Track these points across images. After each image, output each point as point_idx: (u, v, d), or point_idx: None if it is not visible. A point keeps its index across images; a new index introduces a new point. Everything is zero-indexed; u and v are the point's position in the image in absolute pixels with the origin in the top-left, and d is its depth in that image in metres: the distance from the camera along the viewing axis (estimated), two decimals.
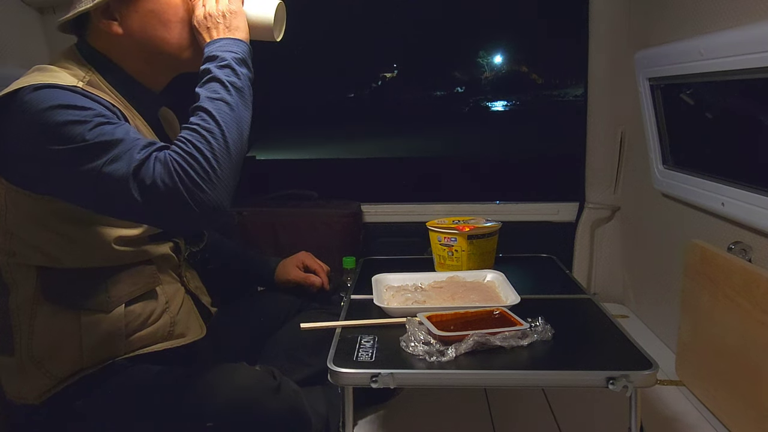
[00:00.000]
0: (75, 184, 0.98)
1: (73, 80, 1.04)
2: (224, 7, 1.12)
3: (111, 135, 0.96)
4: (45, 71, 1.05)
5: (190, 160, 0.95)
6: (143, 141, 0.98)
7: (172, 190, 0.93)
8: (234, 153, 1.00)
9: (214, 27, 1.12)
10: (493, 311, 1.20)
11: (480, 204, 2.36)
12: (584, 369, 1.05)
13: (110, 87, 1.12)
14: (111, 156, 0.94)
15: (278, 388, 1.07)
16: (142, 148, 0.96)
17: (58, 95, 0.98)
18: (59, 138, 0.95)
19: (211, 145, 0.97)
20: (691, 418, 1.48)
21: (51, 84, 0.99)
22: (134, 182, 0.93)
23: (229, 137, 1.00)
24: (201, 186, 0.95)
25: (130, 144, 0.96)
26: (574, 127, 2.22)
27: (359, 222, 2.30)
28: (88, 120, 0.96)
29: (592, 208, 2.26)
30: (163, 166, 0.94)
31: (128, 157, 0.94)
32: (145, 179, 0.93)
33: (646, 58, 1.78)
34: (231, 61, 1.07)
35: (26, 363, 1.07)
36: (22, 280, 1.07)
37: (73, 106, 0.97)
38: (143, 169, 0.94)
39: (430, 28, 5.52)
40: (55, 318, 1.07)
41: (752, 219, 1.36)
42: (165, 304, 1.18)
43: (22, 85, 0.99)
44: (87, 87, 1.04)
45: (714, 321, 1.44)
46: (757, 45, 1.23)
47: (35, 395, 1.08)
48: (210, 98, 1.02)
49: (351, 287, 1.51)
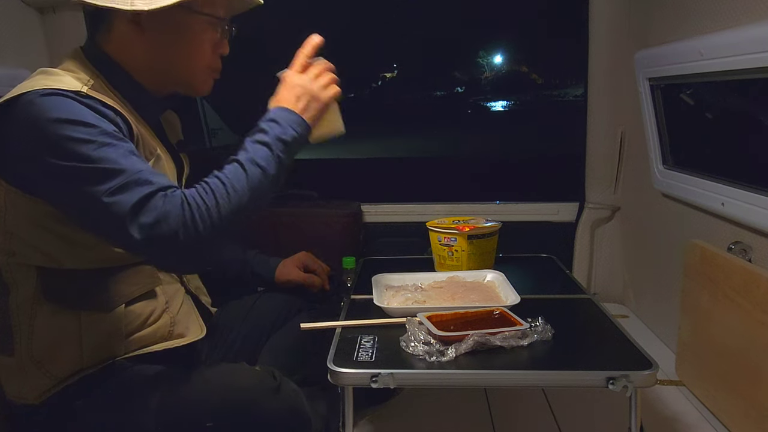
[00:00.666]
0: (70, 201, 0.98)
1: (77, 84, 1.03)
2: (319, 90, 1.13)
3: (115, 162, 0.95)
4: (50, 75, 1.05)
5: (204, 213, 0.96)
6: (146, 173, 0.97)
7: (172, 233, 0.93)
8: (237, 221, 1.01)
9: (299, 96, 1.12)
10: (493, 311, 1.20)
11: (480, 204, 2.35)
12: (584, 369, 1.05)
13: (115, 91, 1.12)
14: (113, 186, 0.94)
15: (278, 388, 1.07)
16: (145, 183, 0.95)
17: (65, 106, 0.98)
18: (63, 153, 0.95)
19: (231, 207, 0.98)
20: (691, 418, 1.48)
21: (57, 90, 0.99)
22: (133, 217, 0.93)
23: (249, 207, 1.02)
24: (201, 239, 0.95)
25: (133, 175, 0.95)
26: (574, 127, 2.22)
27: (359, 222, 2.30)
28: (93, 139, 0.96)
29: (592, 208, 2.26)
30: (172, 207, 0.94)
31: (131, 191, 0.94)
32: (146, 217, 0.93)
33: (646, 58, 1.78)
34: (290, 138, 1.07)
35: (26, 363, 1.07)
36: (22, 280, 1.07)
37: (79, 122, 0.96)
38: (146, 206, 0.93)
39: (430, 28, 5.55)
40: (55, 318, 1.07)
41: (752, 219, 1.36)
42: (165, 304, 1.18)
43: (29, 89, 0.99)
44: (91, 91, 1.04)
45: (714, 321, 1.44)
46: (757, 45, 1.23)
47: (35, 395, 1.08)
48: (254, 161, 1.03)
49: (351, 287, 1.51)
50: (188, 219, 0.94)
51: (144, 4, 1.05)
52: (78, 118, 0.97)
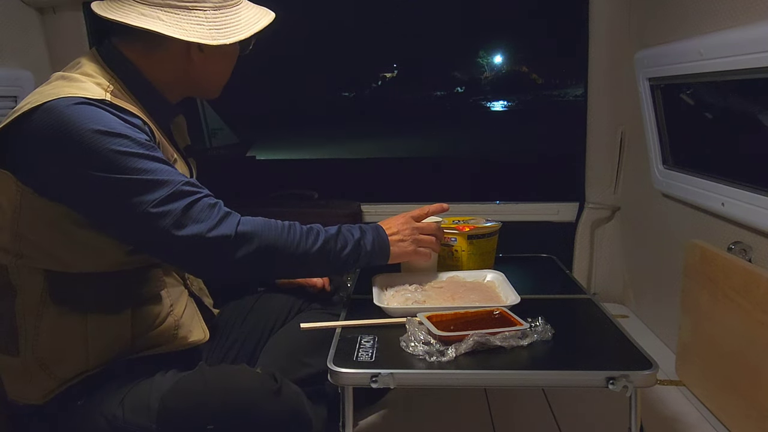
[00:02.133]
0: (111, 211, 1.02)
1: (100, 92, 1.05)
2: (414, 242, 1.31)
3: (157, 173, 1.01)
4: (70, 81, 1.06)
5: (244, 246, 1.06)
6: (188, 183, 1.04)
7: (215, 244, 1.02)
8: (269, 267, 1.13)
9: (396, 234, 1.29)
10: (493, 311, 1.20)
11: (480, 204, 2.36)
12: (584, 369, 1.05)
13: (132, 95, 1.13)
14: (160, 196, 0.99)
15: (279, 390, 1.07)
16: (189, 194, 1.02)
17: (97, 116, 1.00)
18: (105, 165, 0.98)
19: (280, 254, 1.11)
20: (691, 418, 1.48)
21: (85, 100, 1.01)
22: (181, 224, 1.00)
23: (291, 269, 1.19)
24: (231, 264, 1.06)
25: (177, 186, 1.01)
26: (574, 127, 2.22)
27: (359, 222, 2.30)
28: (132, 151, 1.00)
29: (592, 208, 2.26)
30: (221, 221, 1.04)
31: (178, 200, 1.00)
32: (194, 223, 1.01)
33: (646, 58, 1.78)
34: (364, 253, 1.22)
35: (31, 364, 1.07)
36: (29, 283, 1.07)
37: (116, 134, 0.99)
38: (192, 213, 1.01)
39: (430, 28, 5.55)
40: (61, 320, 1.07)
41: (752, 219, 1.36)
42: (170, 307, 1.18)
43: (53, 97, 1.00)
44: (114, 99, 1.05)
45: (714, 321, 1.44)
46: (756, 45, 1.23)
47: (38, 396, 1.08)
48: (328, 243, 1.17)
49: (351, 287, 1.51)
50: (228, 243, 1.03)
51: (224, 38, 1.13)
52: (114, 130, 1.00)
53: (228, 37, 1.13)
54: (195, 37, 1.10)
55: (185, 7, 1.11)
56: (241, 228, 1.06)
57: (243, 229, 1.06)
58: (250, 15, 1.19)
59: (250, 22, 1.17)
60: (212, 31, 1.12)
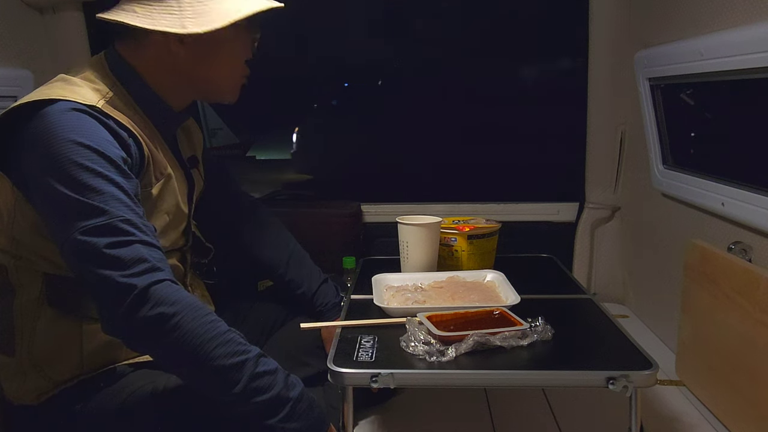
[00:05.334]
0: (51, 222, 0.98)
1: (94, 98, 1.03)
2: None
3: (103, 201, 0.93)
4: (69, 84, 1.05)
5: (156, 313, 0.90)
6: (130, 222, 0.94)
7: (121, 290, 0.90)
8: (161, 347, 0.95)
9: None
10: (493, 311, 1.20)
11: (480, 204, 2.36)
12: (584, 369, 1.05)
13: (133, 102, 1.11)
14: (90, 225, 0.92)
15: None
16: (122, 233, 0.93)
17: (82, 126, 0.97)
18: (60, 175, 0.94)
19: (175, 346, 0.92)
20: (691, 418, 1.47)
21: (76, 106, 0.99)
22: (96, 263, 0.91)
23: (189, 362, 0.93)
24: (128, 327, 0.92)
25: (112, 220, 0.93)
26: (574, 127, 2.22)
27: (359, 222, 2.30)
28: (94, 168, 0.95)
29: (592, 208, 2.26)
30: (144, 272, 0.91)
31: (103, 236, 0.92)
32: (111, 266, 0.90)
33: (646, 58, 1.78)
34: (280, 420, 0.96)
35: (25, 364, 1.07)
36: (28, 283, 1.07)
37: (87, 146, 0.96)
38: (112, 251, 0.91)
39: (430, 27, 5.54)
40: (57, 323, 1.07)
41: (752, 219, 1.36)
42: None
43: (48, 96, 0.99)
44: (107, 107, 1.03)
45: (714, 321, 1.44)
46: (757, 45, 1.23)
47: (33, 396, 1.08)
48: (255, 379, 0.94)
49: (351, 287, 1.51)
50: (132, 296, 0.89)
51: (196, 26, 1.06)
52: (88, 142, 0.96)
53: (200, 25, 1.07)
54: (163, 26, 1.06)
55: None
56: (154, 288, 0.91)
57: (155, 289, 0.91)
58: (230, 4, 1.10)
59: (229, 10, 1.09)
60: (184, 20, 1.06)
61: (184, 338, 0.91)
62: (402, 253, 1.52)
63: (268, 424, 0.95)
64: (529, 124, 2.80)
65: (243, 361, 0.93)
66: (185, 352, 0.92)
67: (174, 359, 0.96)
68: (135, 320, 0.90)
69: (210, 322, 0.94)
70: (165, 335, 0.91)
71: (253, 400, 0.93)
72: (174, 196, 1.16)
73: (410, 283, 1.41)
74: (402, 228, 1.50)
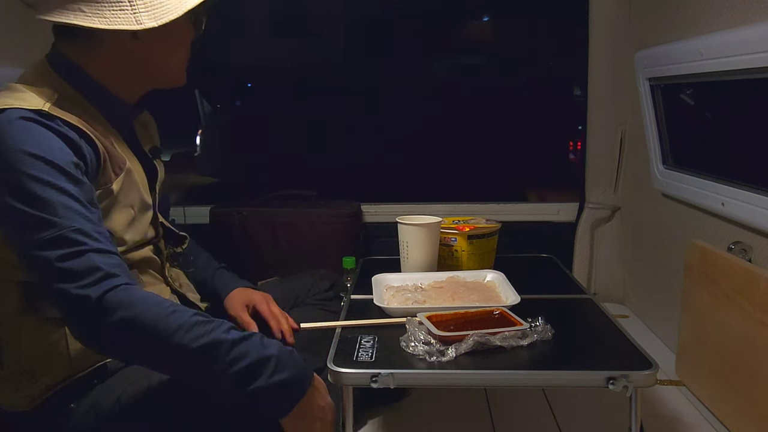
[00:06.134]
0: (8, 238, 0.97)
1: (39, 102, 1.00)
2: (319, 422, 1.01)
3: (54, 213, 0.92)
4: (12, 91, 1.02)
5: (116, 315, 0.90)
6: (82, 231, 0.93)
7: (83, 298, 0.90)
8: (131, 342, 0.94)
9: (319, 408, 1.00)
10: (493, 311, 1.20)
11: (480, 204, 2.36)
12: (584, 369, 1.05)
13: (83, 100, 1.09)
14: (43, 237, 0.91)
15: None
16: (75, 243, 0.92)
17: (32, 136, 0.96)
18: (11, 189, 0.93)
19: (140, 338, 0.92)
20: (691, 418, 1.48)
21: (22, 114, 0.97)
22: (55, 274, 0.91)
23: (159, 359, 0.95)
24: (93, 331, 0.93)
25: (64, 230, 0.92)
26: (574, 127, 2.22)
27: (359, 222, 2.30)
28: (44, 179, 0.94)
29: (592, 208, 2.26)
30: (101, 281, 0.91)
31: (57, 249, 0.91)
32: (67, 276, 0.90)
33: (646, 58, 1.78)
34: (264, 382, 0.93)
35: (16, 373, 1.07)
36: (5, 294, 1.06)
37: (38, 156, 0.94)
38: (65, 263, 0.90)
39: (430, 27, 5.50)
40: (40, 329, 1.06)
41: (752, 219, 1.36)
42: None
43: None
44: (54, 108, 1.01)
45: (714, 321, 1.44)
46: (757, 45, 1.23)
47: (26, 402, 1.08)
48: (219, 346, 0.93)
49: (351, 287, 1.51)
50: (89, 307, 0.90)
51: (151, 20, 1.04)
52: (37, 152, 0.94)
53: (156, 19, 1.03)
54: (118, 24, 1.03)
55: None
56: (110, 295, 0.91)
57: (110, 296, 0.91)
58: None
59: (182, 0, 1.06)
60: (137, 15, 1.03)
61: (150, 337, 0.91)
62: (402, 253, 1.53)
63: (259, 386, 0.93)
64: (528, 124, 2.79)
65: (214, 339, 0.93)
66: (155, 349, 0.93)
67: (148, 358, 0.97)
68: (98, 330, 0.91)
69: (171, 313, 0.93)
70: (131, 338, 0.92)
71: (235, 368, 0.92)
72: (136, 189, 1.15)
73: (410, 283, 1.41)
74: (402, 228, 1.50)
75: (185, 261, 1.41)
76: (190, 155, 2.92)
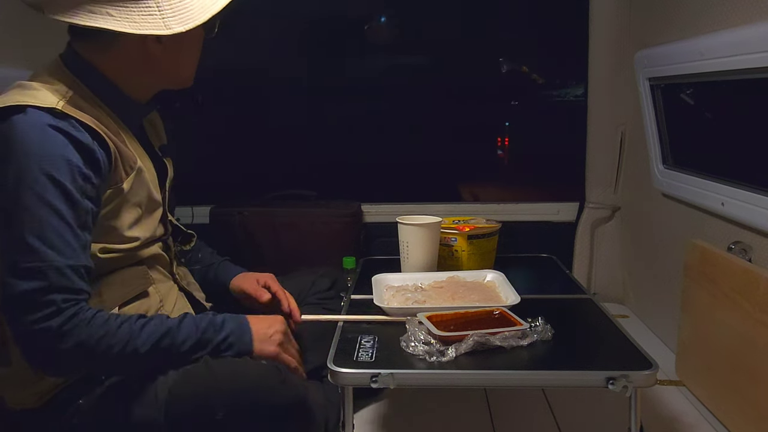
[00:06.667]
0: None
1: (53, 100, 1.01)
2: (278, 341, 1.17)
3: (40, 238, 0.95)
4: (25, 89, 1.03)
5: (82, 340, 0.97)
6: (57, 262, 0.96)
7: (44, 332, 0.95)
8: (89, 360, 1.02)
9: (266, 331, 1.17)
10: (493, 311, 1.20)
11: (480, 204, 2.36)
12: (584, 369, 1.05)
13: (96, 99, 1.10)
14: (20, 263, 0.94)
15: (284, 381, 1.07)
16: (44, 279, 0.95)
17: (40, 140, 0.97)
18: (9, 199, 0.95)
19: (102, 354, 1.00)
20: (691, 418, 1.48)
21: (50, 123, 0.98)
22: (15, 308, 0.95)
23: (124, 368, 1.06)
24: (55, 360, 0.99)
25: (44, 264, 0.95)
26: (574, 127, 2.22)
27: (359, 222, 2.30)
28: (44, 196, 0.95)
29: (592, 208, 2.26)
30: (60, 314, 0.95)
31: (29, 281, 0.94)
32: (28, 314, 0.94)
33: (646, 58, 1.78)
34: (214, 345, 1.10)
35: (24, 372, 1.06)
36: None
37: (47, 173, 0.96)
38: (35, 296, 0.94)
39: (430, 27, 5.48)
40: None
41: (752, 219, 1.36)
42: (159, 303, 1.17)
43: (8, 103, 0.98)
44: (67, 107, 1.01)
45: (714, 321, 1.44)
46: (757, 45, 1.23)
47: (33, 400, 1.08)
48: (164, 338, 1.05)
49: (351, 287, 1.51)
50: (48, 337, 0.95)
51: (179, 25, 1.06)
52: (50, 169, 0.96)
53: (183, 23, 1.06)
54: (148, 29, 1.04)
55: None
56: (66, 325, 0.96)
57: (66, 326, 0.96)
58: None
59: (206, 4, 1.09)
60: (166, 20, 1.05)
61: (106, 354, 1.00)
62: (402, 253, 1.53)
63: (213, 346, 1.09)
64: (528, 124, 2.79)
65: (162, 332, 1.05)
66: (115, 362, 1.03)
67: (111, 371, 1.08)
68: (55, 357, 0.99)
69: (119, 326, 1.02)
70: (89, 361, 1.01)
71: (187, 346, 1.07)
72: (145, 188, 1.15)
73: (410, 283, 1.41)
74: (402, 228, 1.50)
75: (192, 258, 1.42)
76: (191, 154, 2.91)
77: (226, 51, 1.23)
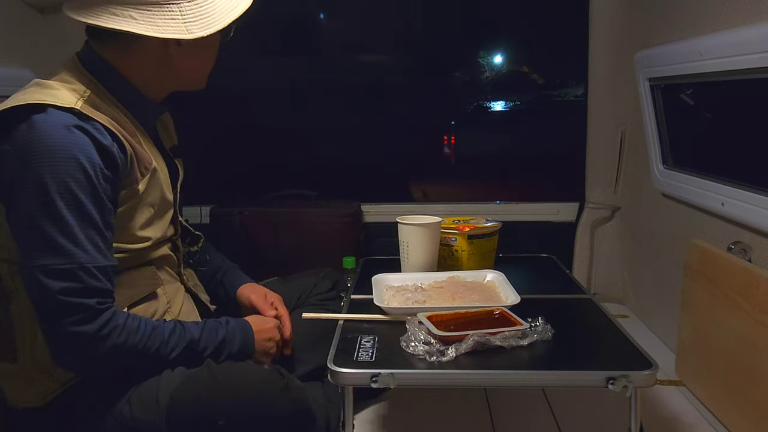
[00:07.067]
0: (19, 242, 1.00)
1: (71, 99, 1.01)
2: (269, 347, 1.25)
3: (70, 238, 0.96)
4: (43, 87, 1.03)
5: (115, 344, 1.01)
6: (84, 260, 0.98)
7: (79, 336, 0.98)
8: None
9: (267, 340, 1.24)
10: (493, 311, 1.20)
11: (480, 204, 2.36)
12: (584, 369, 1.05)
13: (113, 98, 1.11)
14: (51, 265, 0.96)
15: (286, 386, 1.07)
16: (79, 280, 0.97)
17: (61, 144, 0.97)
18: (34, 203, 0.95)
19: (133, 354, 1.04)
20: (691, 418, 1.48)
21: (75, 123, 0.99)
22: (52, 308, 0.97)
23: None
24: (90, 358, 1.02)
25: (71, 265, 0.97)
26: (574, 127, 2.22)
27: (359, 222, 2.30)
28: (69, 198, 0.96)
29: (592, 208, 2.26)
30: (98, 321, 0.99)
31: (59, 280, 0.96)
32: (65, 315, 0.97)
33: (646, 58, 1.78)
34: (227, 354, 1.16)
35: (30, 369, 1.07)
36: (23, 288, 1.06)
37: (67, 175, 0.96)
38: (66, 298, 0.96)
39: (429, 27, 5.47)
40: None
41: (752, 219, 1.36)
42: (166, 305, 1.18)
43: (21, 102, 0.98)
44: (86, 107, 1.02)
45: (714, 321, 1.44)
46: (756, 45, 1.23)
47: (38, 398, 1.08)
48: (189, 348, 1.11)
49: (351, 287, 1.51)
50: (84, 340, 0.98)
51: (201, 29, 1.07)
52: (72, 169, 0.96)
53: (205, 28, 1.08)
54: (170, 33, 1.06)
55: (157, 3, 1.06)
56: (103, 329, 1.00)
57: (103, 330, 1.00)
58: (225, 2, 1.13)
59: (227, 9, 1.11)
60: (188, 24, 1.07)
61: (138, 357, 1.05)
62: (402, 253, 1.53)
63: (228, 355, 1.15)
64: (528, 124, 2.80)
65: (188, 341, 1.11)
66: (144, 363, 1.08)
67: (136, 370, 1.10)
68: (91, 360, 1.02)
69: (152, 330, 1.07)
70: (122, 362, 1.05)
71: (207, 354, 1.13)
72: (159, 189, 1.16)
73: (410, 283, 1.41)
74: (402, 228, 1.50)
75: (201, 259, 1.43)
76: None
77: (226, 50, 1.23)
